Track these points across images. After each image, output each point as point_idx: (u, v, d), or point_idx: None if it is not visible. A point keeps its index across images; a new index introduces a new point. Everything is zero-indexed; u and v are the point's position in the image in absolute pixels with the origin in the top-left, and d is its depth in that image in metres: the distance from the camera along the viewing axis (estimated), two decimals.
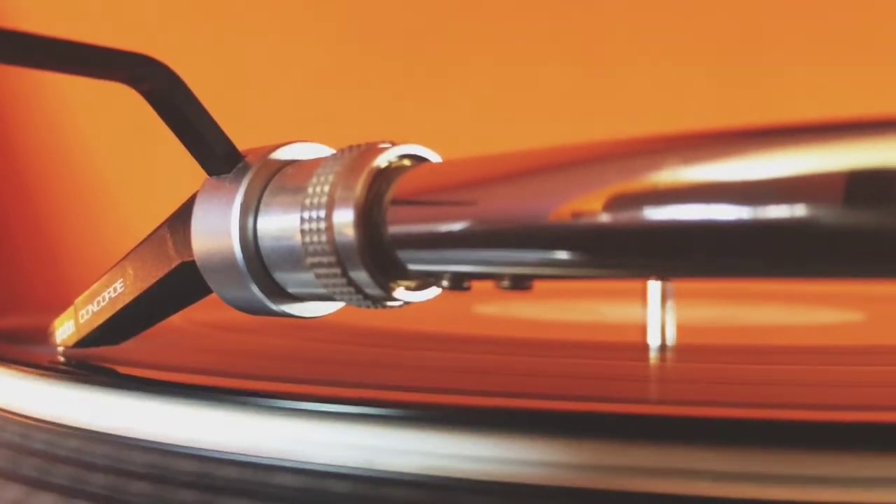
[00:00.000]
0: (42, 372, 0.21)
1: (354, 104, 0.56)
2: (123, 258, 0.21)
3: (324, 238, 0.17)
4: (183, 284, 0.20)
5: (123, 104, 0.30)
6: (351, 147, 0.17)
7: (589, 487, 0.14)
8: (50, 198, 0.59)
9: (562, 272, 0.15)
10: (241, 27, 0.58)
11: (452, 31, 0.55)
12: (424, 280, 0.17)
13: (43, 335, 0.24)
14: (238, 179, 0.18)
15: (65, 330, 0.22)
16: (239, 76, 0.56)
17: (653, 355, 0.24)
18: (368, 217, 0.16)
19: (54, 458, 0.19)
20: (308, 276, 0.17)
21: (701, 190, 0.12)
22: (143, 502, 0.17)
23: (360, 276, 0.17)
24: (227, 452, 0.17)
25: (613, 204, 0.13)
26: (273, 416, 0.17)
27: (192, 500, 0.17)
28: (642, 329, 0.26)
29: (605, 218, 0.13)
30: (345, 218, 0.16)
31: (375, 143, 0.17)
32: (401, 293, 0.17)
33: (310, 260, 0.17)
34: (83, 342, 0.22)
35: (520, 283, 0.15)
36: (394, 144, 0.17)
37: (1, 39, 0.16)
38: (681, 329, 0.26)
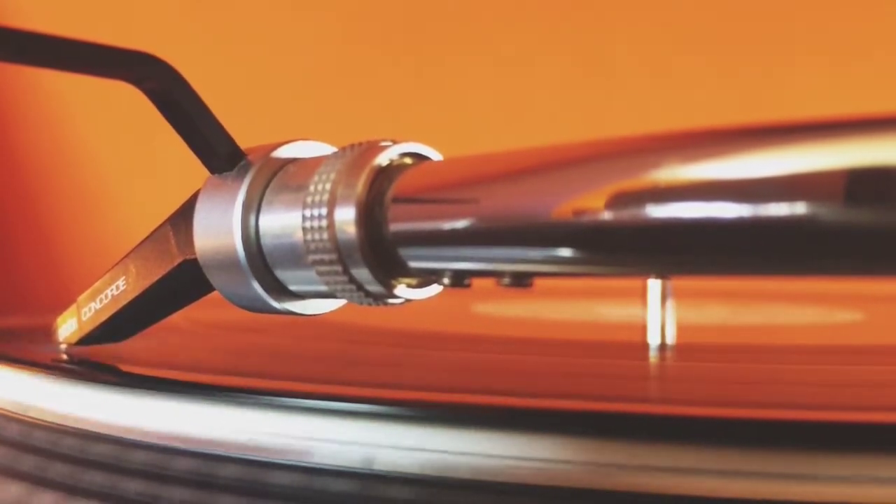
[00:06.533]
0: (45, 370, 0.21)
1: (356, 102, 0.56)
2: (126, 256, 0.21)
3: (325, 236, 0.17)
4: (185, 282, 0.20)
5: (123, 104, 0.30)
6: (352, 145, 0.18)
7: (589, 487, 0.14)
8: (50, 198, 0.59)
9: (563, 270, 0.15)
10: (242, 26, 0.58)
11: (453, 31, 0.55)
12: (425, 277, 0.17)
13: (43, 334, 0.24)
14: (240, 177, 0.18)
15: (67, 327, 0.22)
16: (241, 75, 0.56)
17: (653, 355, 0.24)
18: (370, 215, 0.16)
19: (55, 456, 0.19)
20: (309, 273, 0.18)
21: (701, 188, 0.12)
22: (143, 500, 0.18)
23: (362, 273, 0.17)
24: (228, 451, 0.17)
25: (614, 202, 0.13)
26: (274, 414, 0.17)
27: (192, 497, 0.17)
28: (642, 329, 0.26)
29: (605, 216, 0.13)
30: (346, 216, 0.17)
31: (377, 142, 0.17)
32: (402, 290, 0.17)
33: (311, 257, 0.17)
34: (86, 340, 0.22)
35: (521, 281, 0.16)
36: (395, 143, 0.17)
37: (4, 38, 0.16)
38: (681, 329, 0.26)
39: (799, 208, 0.12)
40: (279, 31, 0.57)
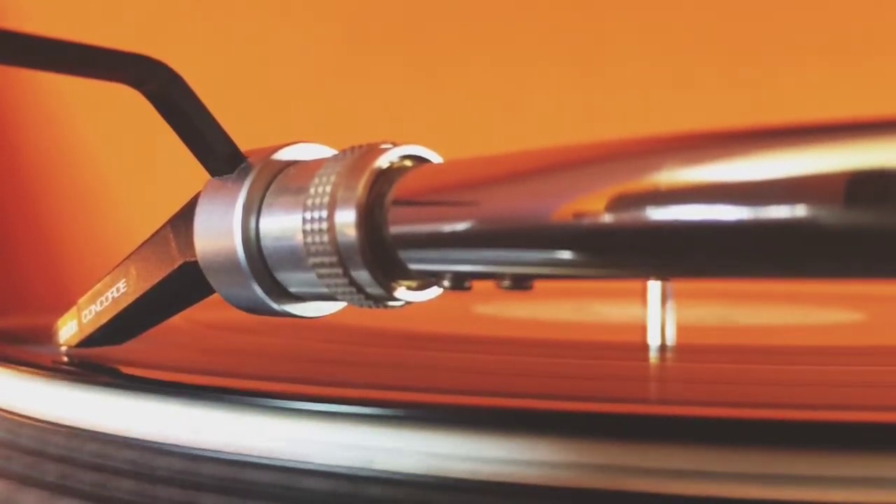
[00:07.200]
0: (45, 372, 0.21)
1: (356, 105, 0.56)
2: (126, 258, 0.21)
3: (325, 238, 0.17)
4: (185, 284, 0.20)
5: (123, 104, 0.30)
6: (353, 148, 0.18)
7: (589, 487, 0.14)
8: (50, 198, 0.59)
9: (563, 272, 0.15)
10: (242, 28, 0.58)
11: (453, 32, 0.55)
12: (426, 280, 0.17)
13: (43, 335, 0.24)
14: (240, 180, 0.18)
15: (68, 330, 0.22)
16: (241, 77, 0.56)
17: (653, 355, 0.24)
18: (370, 217, 0.16)
19: (54, 457, 0.19)
20: (310, 275, 0.18)
21: (701, 190, 0.12)
22: (143, 502, 0.18)
23: (362, 275, 0.17)
24: (227, 452, 0.17)
25: (614, 204, 0.13)
26: (274, 416, 0.17)
27: (189, 499, 0.17)
28: (642, 329, 0.26)
29: (605, 218, 0.13)
30: (346, 218, 0.17)
31: (377, 144, 0.17)
32: (402, 293, 0.17)
33: (311, 260, 0.17)
34: (86, 342, 0.22)
35: (521, 283, 0.16)
36: (395, 145, 0.17)
37: (2, 40, 0.16)
38: (681, 329, 0.26)
39: (799, 210, 0.12)
40: (279, 33, 0.57)
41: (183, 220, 0.20)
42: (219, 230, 0.18)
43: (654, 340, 0.25)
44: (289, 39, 0.57)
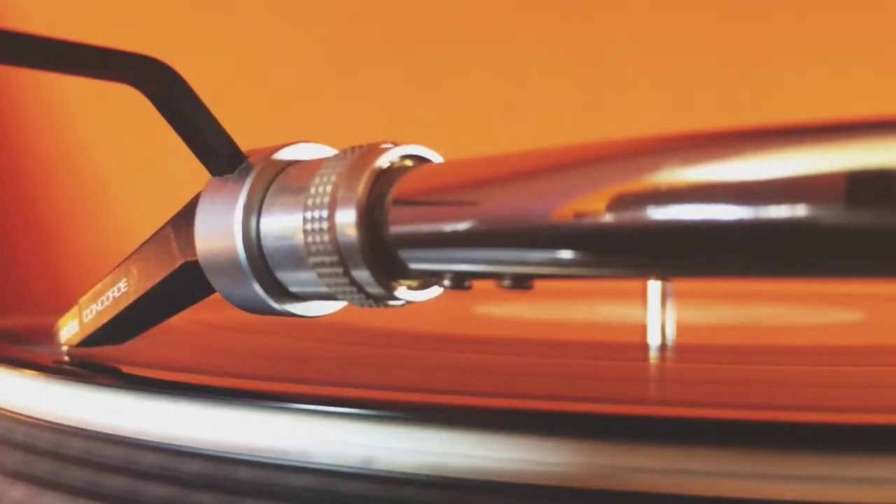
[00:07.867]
0: (45, 372, 0.21)
1: (356, 104, 0.56)
2: (127, 258, 0.21)
3: (326, 238, 0.17)
4: (186, 284, 0.20)
5: (123, 104, 0.30)
6: (353, 147, 0.18)
7: (589, 487, 0.14)
8: (50, 198, 0.59)
9: (563, 272, 0.15)
10: (243, 28, 0.58)
11: (453, 32, 0.55)
12: (426, 279, 0.17)
13: (43, 335, 0.24)
14: (241, 180, 0.18)
15: (69, 329, 0.22)
16: (242, 77, 0.56)
17: (653, 355, 0.24)
18: (370, 217, 0.17)
19: (51, 455, 0.19)
20: (310, 275, 0.18)
21: (701, 190, 0.12)
22: (128, 497, 0.18)
23: (362, 275, 0.17)
24: (228, 452, 0.17)
25: (614, 204, 0.13)
26: (274, 416, 0.17)
27: (182, 497, 0.17)
28: (642, 329, 0.26)
29: (606, 218, 0.13)
30: (347, 218, 0.17)
31: (377, 144, 0.17)
32: (402, 292, 0.17)
33: (312, 259, 0.17)
34: (87, 341, 0.22)
35: (521, 283, 0.16)
36: (396, 145, 0.17)
37: (4, 40, 0.16)
38: (681, 329, 0.26)
39: (800, 210, 0.12)
40: (280, 33, 0.57)
41: (184, 219, 0.20)
42: (219, 230, 0.18)
43: (654, 340, 0.25)
44: (289, 39, 0.57)
